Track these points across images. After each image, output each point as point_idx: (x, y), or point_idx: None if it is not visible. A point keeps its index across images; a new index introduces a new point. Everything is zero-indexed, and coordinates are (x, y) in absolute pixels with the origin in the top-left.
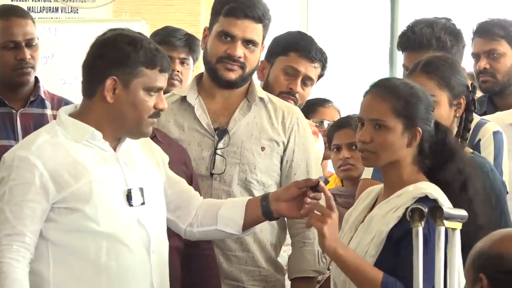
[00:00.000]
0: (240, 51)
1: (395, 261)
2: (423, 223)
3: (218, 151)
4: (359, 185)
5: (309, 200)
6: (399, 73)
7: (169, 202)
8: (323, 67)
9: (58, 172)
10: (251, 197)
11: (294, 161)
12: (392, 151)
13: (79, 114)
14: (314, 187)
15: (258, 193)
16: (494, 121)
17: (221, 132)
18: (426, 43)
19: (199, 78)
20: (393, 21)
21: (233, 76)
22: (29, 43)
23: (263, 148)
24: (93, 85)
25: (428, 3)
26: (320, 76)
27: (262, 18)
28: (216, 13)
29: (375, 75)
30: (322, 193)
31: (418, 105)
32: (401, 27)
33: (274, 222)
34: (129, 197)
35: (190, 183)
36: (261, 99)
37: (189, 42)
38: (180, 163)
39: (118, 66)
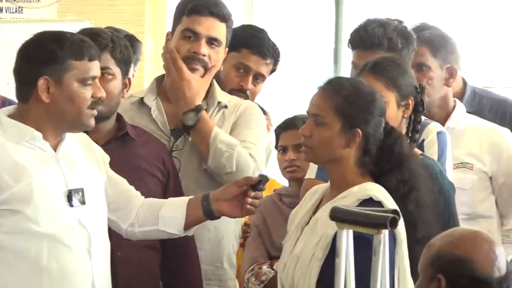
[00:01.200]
0: (204, 49)
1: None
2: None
3: (174, 153)
4: (303, 185)
5: (250, 200)
6: (344, 72)
7: (110, 203)
8: (275, 63)
9: (0, 173)
10: (192, 197)
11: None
12: (328, 149)
13: (18, 116)
14: (255, 185)
15: None
16: None
17: (177, 133)
18: (377, 42)
19: (160, 80)
20: (338, 20)
21: (197, 75)
22: None
23: None
24: (26, 89)
25: (372, 3)
26: (272, 71)
27: (226, 17)
28: (179, 15)
29: (320, 74)
30: (261, 192)
31: (360, 107)
32: (345, 26)
33: (230, 220)
34: (69, 198)
35: (167, 180)
36: (219, 103)
37: (130, 42)
38: (156, 160)
39: (46, 65)
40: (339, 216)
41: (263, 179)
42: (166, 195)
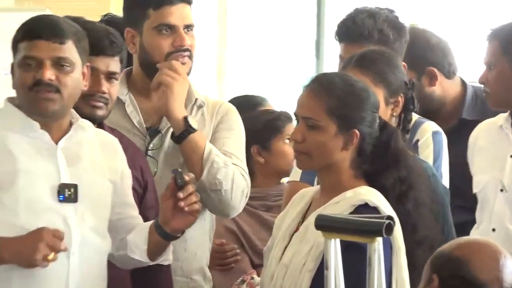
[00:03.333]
0: (187, 39)
1: None
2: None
3: (149, 152)
4: (286, 187)
5: (182, 203)
6: (327, 66)
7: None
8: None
9: None
10: (152, 221)
11: (216, 141)
12: (325, 154)
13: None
14: (178, 185)
15: None
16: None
17: (153, 131)
18: (367, 34)
19: (128, 74)
20: (320, 11)
21: (186, 69)
22: None
23: None
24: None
25: None
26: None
27: None
28: (141, 9)
29: (301, 68)
30: (188, 185)
31: (355, 105)
32: (328, 17)
33: (206, 230)
34: (59, 192)
35: (144, 191)
36: (196, 100)
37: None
38: (133, 168)
39: (13, 51)
40: (326, 225)
41: (176, 175)
42: (142, 208)
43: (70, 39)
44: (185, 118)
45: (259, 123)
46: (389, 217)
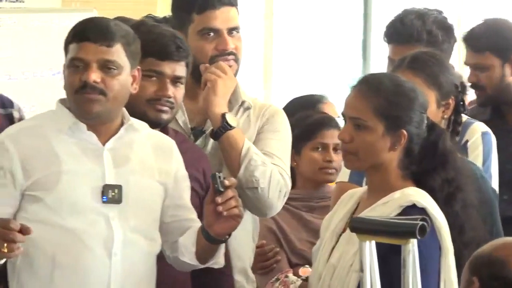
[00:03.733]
0: (230, 43)
1: (384, 280)
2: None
3: None
4: (335, 188)
5: (221, 208)
6: (373, 66)
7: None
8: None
9: (29, 159)
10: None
11: (259, 141)
12: (373, 154)
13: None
14: (217, 191)
15: None
16: None
17: (198, 132)
18: (416, 36)
19: None
20: (366, 13)
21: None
22: None
23: None
24: None
25: None
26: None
27: (236, 1)
28: (186, 13)
29: (348, 69)
30: (228, 189)
31: (403, 106)
32: (374, 19)
33: (248, 230)
34: (103, 193)
35: (206, 193)
36: (243, 102)
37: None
38: (195, 170)
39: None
40: (361, 227)
41: (213, 180)
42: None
43: (118, 42)
44: (223, 115)
45: (295, 127)
46: (423, 219)
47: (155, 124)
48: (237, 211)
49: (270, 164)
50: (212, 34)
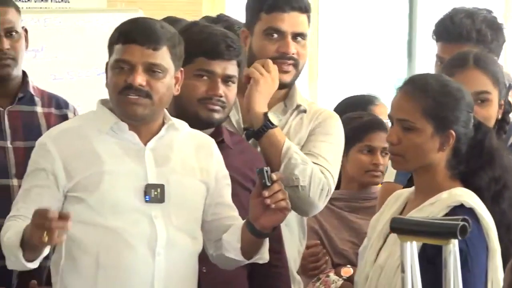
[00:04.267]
0: (292, 47)
1: (431, 281)
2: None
3: None
4: (381, 188)
5: (268, 200)
6: (418, 67)
7: (205, 222)
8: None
9: (71, 160)
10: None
11: (307, 142)
12: (421, 155)
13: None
14: (264, 184)
15: None
16: None
17: (250, 132)
18: (465, 35)
19: None
20: (412, 12)
21: (287, 78)
22: (9, 33)
23: None
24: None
25: None
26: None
27: (307, 8)
28: (255, 11)
29: (393, 69)
30: (275, 183)
31: (451, 106)
32: (420, 19)
33: (295, 233)
34: (145, 193)
35: None
36: (299, 106)
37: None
38: (251, 172)
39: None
40: (401, 228)
41: (260, 174)
42: None
43: (164, 45)
44: (265, 114)
45: (345, 128)
46: (464, 219)
47: (207, 123)
48: (285, 204)
49: (311, 163)
50: (276, 35)
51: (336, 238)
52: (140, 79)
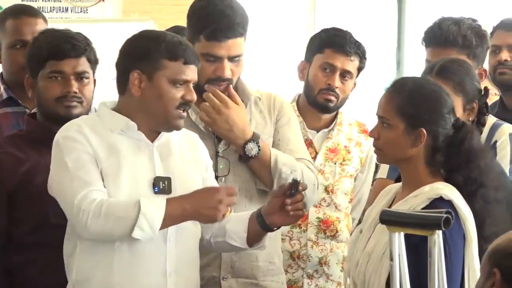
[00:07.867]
0: (227, 70)
1: (415, 268)
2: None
3: (220, 153)
4: (374, 184)
5: (290, 207)
6: (406, 73)
7: None
8: (361, 60)
9: (96, 149)
10: (253, 211)
11: (280, 140)
12: (396, 150)
13: (117, 108)
14: (291, 190)
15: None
16: None
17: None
18: (452, 40)
19: None
20: (400, 21)
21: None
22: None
23: None
24: (122, 82)
25: (435, 3)
26: (360, 69)
27: (243, 31)
28: (196, 32)
29: (382, 75)
30: (299, 194)
31: (424, 106)
32: (408, 27)
33: (278, 230)
34: (154, 185)
35: None
36: (253, 97)
37: None
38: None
39: (140, 60)
40: (390, 219)
41: (293, 184)
42: None
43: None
44: (244, 146)
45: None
46: (447, 212)
47: (67, 119)
48: (302, 213)
49: (298, 164)
50: (213, 59)
51: None
52: (193, 95)
